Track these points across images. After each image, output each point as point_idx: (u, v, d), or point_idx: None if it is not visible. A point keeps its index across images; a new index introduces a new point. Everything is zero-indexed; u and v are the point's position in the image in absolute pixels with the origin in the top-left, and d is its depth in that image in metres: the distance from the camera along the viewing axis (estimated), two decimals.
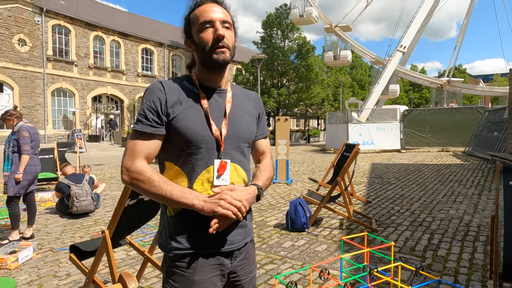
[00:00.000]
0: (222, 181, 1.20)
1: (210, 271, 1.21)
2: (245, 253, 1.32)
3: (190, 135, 1.17)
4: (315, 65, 27.29)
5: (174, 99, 1.19)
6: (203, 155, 1.19)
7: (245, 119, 1.31)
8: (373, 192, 6.92)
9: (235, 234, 1.24)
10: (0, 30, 18.74)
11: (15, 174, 4.01)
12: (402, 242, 3.98)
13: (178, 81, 1.25)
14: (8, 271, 3.33)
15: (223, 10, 1.24)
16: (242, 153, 1.28)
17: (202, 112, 1.21)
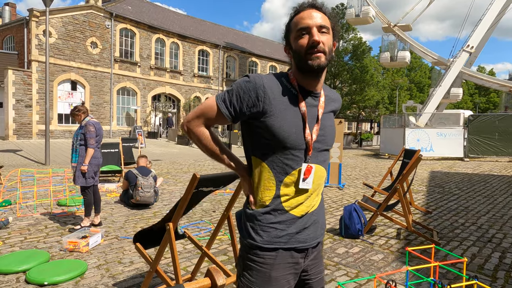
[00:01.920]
0: (306, 185, 1.24)
1: (286, 269, 1.24)
2: (317, 253, 1.35)
3: (284, 136, 1.19)
4: (371, 66, 26.35)
5: (273, 97, 1.20)
6: (292, 157, 1.22)
7: (331, 124, 1.34)
8: (433, 202, 6.50)
9: (309, 232, 1.28)
10: (76, 34, 20.63)
11: (81, 166, 4.38)
12: (468, 258, 3.69)
13: (278, 78, 1.25)
14: (80, 254, 3.66)
15: (322, 15, 1.23)
16: (326, 156, 1.33)
17: (299, 115, 1.23)
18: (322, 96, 1.31)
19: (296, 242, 1.25)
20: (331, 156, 8.12)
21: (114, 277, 3.15)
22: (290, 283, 1.26)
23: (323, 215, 1.38)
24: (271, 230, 1.23)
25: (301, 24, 1.21)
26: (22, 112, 18.77)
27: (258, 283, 1.23)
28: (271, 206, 1.23)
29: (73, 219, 5.00)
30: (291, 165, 1.22)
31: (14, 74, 18.33)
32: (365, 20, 20.36)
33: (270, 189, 1.24)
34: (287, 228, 1.23)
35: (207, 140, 1.29)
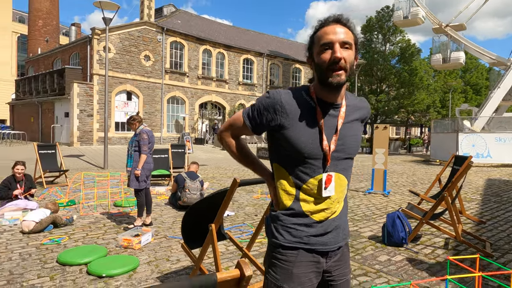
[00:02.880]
0: (329, 192, 1.32)
1: (307, 267, 1.32)
2: (340, 255, 1.41)
3: (301, 147, 1.28)
4: (420, 69, 25.12)
5: (290, 112, 1.29)
6: (310, 166, 1.31)
7: (354, 133, 1.38)
8: (488, 211, 6.09)
9: (330, 237, 1.35)
10: (131, 48, 22.22)
11: (135, 170, 4.77)
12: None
13: (297, 92, 1.33)
14: (133, 251, 4.00)
15: (346, 30, 1.26)
16: (347, 164, 1.38)
17: (316, 127, 1.30)
18: (343, 106, 1.35)
19: (317, 244, 1.33)
20: (375, 162, 7.93)
21: (163, 273, 3.41)
22: (312, 281, 1.34)
23: (346, 221, 1.44)
24: (292, 230, 1.32)
25: (324, 39, 1.26)
26: (85, 121, 20.53)
27: (281, 279, 1.31)
28: (292, 209, 1.33)
29: (127, 219, 5.44)
30: (309, 173, 1.31)
31: (79, 87, 20.16)
32: (414, 22, 19.55)
33: (291, 193, 1.33)
34: (308, 230, 1.32)
35: (235, 149, 1.46)
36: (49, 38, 29.90)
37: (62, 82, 21.29)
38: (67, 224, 4.98)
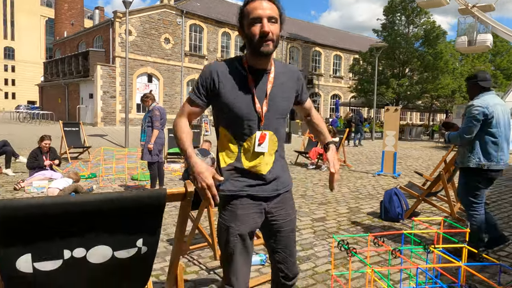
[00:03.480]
0: (262, 149, 1.53)
1: (250, 209, 1.56)
2: (281, 198, 1.64)
3: (238, 111, 1.50)
4: (446, 52, 24.18)
5: (225, 80, 1.50)
6: (247, 126, 1.52)
7: (283, 96, 1.59)
8: (496, 194, 6.11)
9: (268, 186, 1.58)
10: (152, 31, 22.63)
11: (148, 144, 5.12)
12: None
13: (231, 62, 1.55)
14: None
15: (272, 6, 1.45)
16: (278, 124, 1.60)
17: (249, 92, 1.51)
18: (272, 72, 1.56)
19: (256, 191, 1.55)
20: (385, 144, 7.99)
21: (168, 235, 3.77)
22: (256, 221, 1.57)
23: (284, 173, 1.66)
24: (235, 181, 1.54)
25: (253, 14, 1.43)
26: (108, 102, 21.31)
27: (229, 220, 1.54)
28: (234, 164, 1.54)
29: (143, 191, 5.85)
30: (247, 133, 1.52)
31: (102, 69, 20.85)
32: (438, 2, 18.80)
33: (234, 151, 1.55)
34: (247, 181, 1.54)
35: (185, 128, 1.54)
36: (74, 21, 30.83)
37: (87, 64, 22.07)
38: (88, 193, 5.44)
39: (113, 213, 1.06)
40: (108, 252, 1.09)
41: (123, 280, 1.24)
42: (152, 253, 1.23)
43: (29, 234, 0.95)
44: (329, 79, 34.84)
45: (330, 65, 34.76)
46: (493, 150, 3.10)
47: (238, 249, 1.56)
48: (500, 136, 3.12)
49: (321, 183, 6.98)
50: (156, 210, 1.13)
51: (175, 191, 1.14)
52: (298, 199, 5.53)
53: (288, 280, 1.74)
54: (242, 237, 1.55)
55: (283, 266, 1.71)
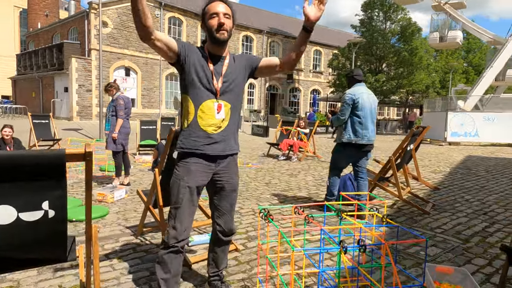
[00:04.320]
0: (220, 116, 1.93)
1: (201, 166, 1.95)
2: (227, 163, 2.03)
3: (199, 83, 1.90)
4: (421, 48, 24.89)
5: (191, 54, 1.91)
6: (206, 96, 1.91)
7: (236, 77, 1.99)
8: (450, 181, 6.46)
9: (218, 146, 1.95)
10: (129, 23, 22.25)
11: (112, 134, 5.16)
12: (451, 225, 3.84)
13: (198, 48, 1.97)
14: (106, 204, 4.44)
15: (225, 6, 1.92)
16: (232, 98, 1.98)
17: (209, 71, 1.92)
18: (227, 59, 1.99)
19: (208, 150, 1.92)
20: None
21: (127, 220, 3.86)
22: (203, 178, 1.96)
23: (233, 138, 2.03)
24: (190, 141, 1.92)
25: (211, 10, 1.89)
26: (84, 96, 20.90)
27: (181, 174, 1.94)
28: (193, 126, 1.92)
29: (109, 180, 5.88)
30: (204, 98, 1.91)
31: (77, 62, 20.41)
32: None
33: (191, 113, 1.92)
34: (202, 140, 1.91)
35: None
36: (48, 12, 29.90)
37: (61, 57, 21.54)
38: None
39: (14, 171, 1.15)
40: (12, 213, 1.18)
41: (36, 246, 1.34)
42: (62, 219, 1.33)
43: None
44: (309, 74, 35.18)
45: (310, 60, 35.08)
46: (360, 128, 3.99)
47: (185, 200, 1.92)
48: (365, 118, 3.99)
49: (288, 172, 7.17)
50: (58, 170, 1.23)
51: (74, 151, 1.24)
52: (262, 187, 5.70)
53: (224, 235, 2.10)
54: (190, 190, 1.92)
55: (221, 221, 2.07)
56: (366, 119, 4.01)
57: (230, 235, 2.12)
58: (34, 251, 1.39)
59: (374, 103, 4.16)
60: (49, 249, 1.43)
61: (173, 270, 1.92)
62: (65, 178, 1.26)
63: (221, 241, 2.12)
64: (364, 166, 4.23)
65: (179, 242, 1.91)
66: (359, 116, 3.99)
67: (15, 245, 1.29)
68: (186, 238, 1.95)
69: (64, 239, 1.44)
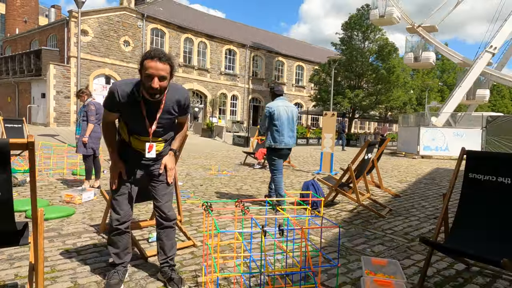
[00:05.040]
0: (150, 154, 2.19)
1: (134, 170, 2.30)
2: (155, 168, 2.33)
3: (132, 127, 2.15)
4: (398, 67, 25.94)
5: (124, 99, 2.04)
6: (139, 135, 2.18)
7: (169, 117, 2.19)
8: (412, 190, 6.79)
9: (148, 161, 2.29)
10: (110, 33, 22.31)
11: (83, 138, 5.24)
12: (401, 227, 4.09)
13: (131, 87, 2.06)
14: (74, 205, 4.49)
15: (163, 66, 1.96)
16: (165, 132, 2.25)
17: (141, 116, 2.09)
18: (163, 101, 2.10)
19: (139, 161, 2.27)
20: (324, 146, 8.56)
21: (93, 219, 3.93)
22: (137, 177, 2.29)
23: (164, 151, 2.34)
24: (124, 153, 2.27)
25: (148, 71, 1.95)
26: (62, 102, 20.64)
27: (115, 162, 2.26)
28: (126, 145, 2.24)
29: (80, 184, 5.90)
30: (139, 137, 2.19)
31: (55, 69, 20.22)
32: (389, 21, 20.25)
33: (126, 139, 2.24)
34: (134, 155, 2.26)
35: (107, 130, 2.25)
36: (27, 18, 29.57)
37: (39, 63, 21.27)
38: (20, 185, 5.43)
39: None
40: None
41: None
42: (8, 200, 1.46)
43: None
44: (291, 88, 35.87)
45: (292, 75, 35.85)
46: (277, 135, 4.65)
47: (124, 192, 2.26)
48: (281, 126, 4.65)
49: (261, 179, 7.36)
50: (3, 157, 1.37)
51: (18, 140, 1.38)
52: (233, 192, 5.85)
53: (164, 220, 2.34)
54: (128, 184, 2.26)
55: (159, 208, 2.32)
56: (283, 128, 4.66)
57: (169, 220, 2.35)
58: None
59: (292, 113, 4.78)
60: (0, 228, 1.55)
61: (122, 244, 2.30)
62: (9, 164, 1.40)
63: (163, 226, 2.34)
64: (281, 163, 4.86)
65: (122, 224, 2.25)
66: (276, 125, 4.65)
67: None
68: (127, 221, 2.28)
69: (11, 219, 1.56)
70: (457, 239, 2.41)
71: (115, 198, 2.24)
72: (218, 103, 29.18)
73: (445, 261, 3.04)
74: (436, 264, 2.98)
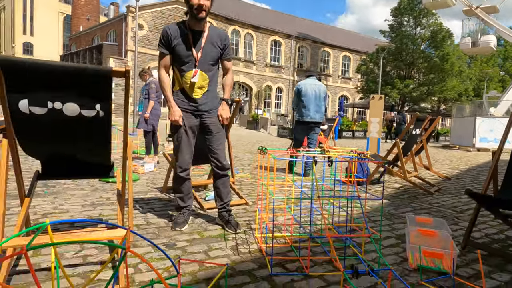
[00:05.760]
0: (194, 79, 2.47)
1: (189, 117, 2.57)
2: (208, 115, 2.61)
3: (181, 55, 2.46)
4: (453, 54, 24.37)
5: (174, 35, 2.43)
6: (187, 66, 2.48)
7: (212, 49, 2.53)
8: (464, 175, 6.56)
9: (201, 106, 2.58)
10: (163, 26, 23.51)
11: (144, 114, 5.77)
12: (450, 202, 4.07)
13: (178, 25, 2.46)
14: (137, 174, 5.02)
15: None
16: (209, 67, 2.55)
17: (189, 44, 2.45)
18: (206, 32, 2.49)
19: (191, 109, 2.56)
20: (370, 131, 8.49)
21: (155, 184, 4.39)
22: (191, 120, 2.57)
23: (212, 100, 2.62)
24: (179, 101, 2.55)
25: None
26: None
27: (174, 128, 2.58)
28: (180, 90, 2.55)
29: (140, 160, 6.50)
30: (186, 70, 2.48)
31: (114, 62, 21.77)
32: (444, 3, 19.04)
33: (179, 81, 2.53)
34: (187, 101, 2.55)
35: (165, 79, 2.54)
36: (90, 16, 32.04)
37: (100, 57, 23.04)
38: None
39: (79, 78, 1.64)
40: (76, 109, 1.69)
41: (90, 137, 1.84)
42: (108, 120, 1.81)
43: (25, 84, 1.57)
44: (337, 79, 35.21)
45: (338, 66, 35.13)
46: (304, 110, 5.33)
47: (183, 137, 2.57)
48: (307, 102, 5.31)
49: None
50: (106, 81, 1.69)
51: (118, 68, 1.72)
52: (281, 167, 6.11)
53: (219, 169, 2.64)
54: (185, 130, 2.56)
55: (213, 158, 2.61)
56: (309, 103, 5.31)
57: (224, 169, 2.66)
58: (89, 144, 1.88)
59: (319, 91, 5.37)
60: (98, 148, 1.92)
61: (185, 190, 2.68)
62: (111, 88, 1.74)
63: (218, 175, 2.66)
64: (313, 138, 5.49)
65: (184, 171, 2.62)
66: (303, 101, 5.34)
67: (79, 135, 1.79)
68: (187, 169, 2.64)
69: (108, 138, 1.90)
70: (507, 194, 2.44)
71: (177, 148, 2.59)
72: (263, 96, 29.52)
73: (494, 228, 3.04)
74: (485, 230, 2.99)
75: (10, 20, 58.42)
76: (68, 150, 1.90)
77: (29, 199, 1.94)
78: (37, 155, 1.96)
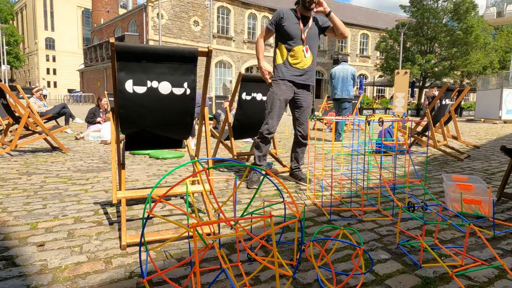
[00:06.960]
0: (308, 54, 3.03)
1: (287, 87, 3.08)
2: (303, 90, 3.14)
3: (291, 33, 2.99)
4: (478, 26, 23.53)
5: (287, 17, 2.98)
6: (294, 42, 3.01)
7: (315, 31, 3.09)
8: (492, 144, 6.67)
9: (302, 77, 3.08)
10: (182, 14, 23.75)
11: None
12: (480, 167, 4.29)
13: (291, 11, 3.03)
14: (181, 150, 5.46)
15: None
16: (312, 45, 3.08)
17: (299, 27, 2.99)
18: (311, 18, 3.06)
19: (294, 78, 3.05)
20: (395, 105, 8.62)
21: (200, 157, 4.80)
22: (289, 95, 3.08)
23: (313, 72, 3.15)
24: (283, 72, 3.05)
25: None
26: None
27: (275, 91, 3.05)
28: (284, 62, 3.04)
29: None
30: (293, 45, 3.01)
31: None
32: None
33: (284, 55, 3.04)
34: (292, 72, 3.05)
35: (261, 46, 3.11)
36: (109, 8, 32.64)
37: None
38: None
39: (171, 57, 1.98)
40: (169, 87, 2.04)
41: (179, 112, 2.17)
42: (193, 98, 2.15)
43: (131, 66, 1.93)
44: (355, 58, 34.69)
45: (357, 45, 34.54)
46: (335, 89, 6.78)
47: (276, 107, 3.04)
48: (336, 83, 6.76)
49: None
50: (193, 60, 2.02)
51: (202, 49, 2.05)
52: None
53: (302, 138, 3.19)
54: (280, 100, 3.04)
55: (300, 128, 3.15)
56: (337, 84, 6.74)
57: (305, 139, 3.18)
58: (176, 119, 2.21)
59: (347, 73, 6.69)
60: (184, 122, 2.26)
61: (264, 150, 3.13)
62: (196, 67, 2.07)
63: (300, 143, 3.20)
64: (345, 108, 6.86)
65: (269, 134, 3.06)
66: (333, 83, 6.83)
67: (170, 108, 2.13)
68: (273, 133, 3.07)
69: (192, 112, 2.23)
70: None
71: (269, 114, 3.04)
72: None
73: None
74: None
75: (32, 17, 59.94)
76: (158, 125, 2.23)
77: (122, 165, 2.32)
78: (130, 130, 2.28)
